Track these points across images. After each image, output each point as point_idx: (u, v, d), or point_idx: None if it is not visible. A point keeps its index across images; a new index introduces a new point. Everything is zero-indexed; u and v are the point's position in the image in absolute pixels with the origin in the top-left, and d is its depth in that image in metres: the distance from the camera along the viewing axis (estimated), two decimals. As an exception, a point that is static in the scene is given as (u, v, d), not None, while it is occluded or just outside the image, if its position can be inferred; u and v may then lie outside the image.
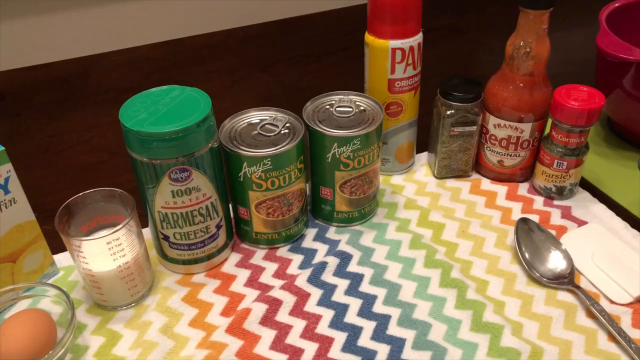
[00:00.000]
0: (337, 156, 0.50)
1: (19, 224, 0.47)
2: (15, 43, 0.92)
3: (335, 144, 0.50)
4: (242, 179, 0.49)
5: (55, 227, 0.44)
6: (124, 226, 0.44)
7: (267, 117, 0.52)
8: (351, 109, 0.52)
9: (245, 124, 0.51)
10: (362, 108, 0.53)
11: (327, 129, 0.50)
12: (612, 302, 0.48)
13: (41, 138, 0.71)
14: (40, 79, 0.83)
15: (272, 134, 0.50)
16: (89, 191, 0.47)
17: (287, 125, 0.51)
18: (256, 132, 0.50)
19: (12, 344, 0.42)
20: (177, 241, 0.49)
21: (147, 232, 0.53)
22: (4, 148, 0.44)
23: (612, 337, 0.45)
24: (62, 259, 0.53)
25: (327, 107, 0.53)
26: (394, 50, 0.55)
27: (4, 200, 0.45)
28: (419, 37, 0.55)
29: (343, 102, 0.53)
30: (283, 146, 0.48)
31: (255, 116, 0.52)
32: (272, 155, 0.48)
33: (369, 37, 0.56)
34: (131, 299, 0.48)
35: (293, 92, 0.79)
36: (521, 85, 0.55)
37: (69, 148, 0.69)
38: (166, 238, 0.49)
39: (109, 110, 0.76)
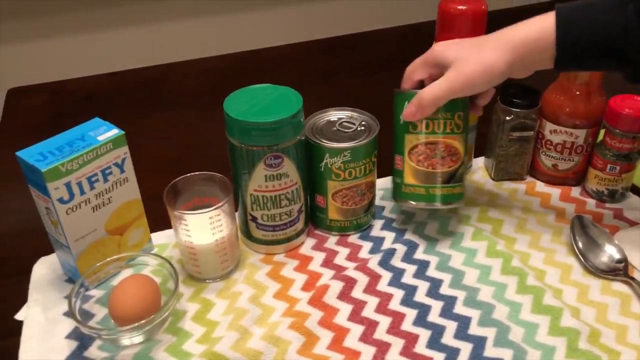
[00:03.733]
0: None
1: (128, 200, 0.54)
2: (97, 53, 1.01)
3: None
4: (322, 169, 0.55)
5: (165, 201, 0.50)
6: (224, 203, 0.50)
7: (344, 116, 0.58)
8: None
9: (325, 121, 0.57)
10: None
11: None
12: (664, 293, 0.51)
13: (128, 134, 0.78)
14: (124, 82, 0.91)
15: (350, 130, 0.56)
16: (192, 174, 0.53)
17: (363, 123, 0.57)
18: (335, 128, 0.56)
19: (126, 304, 0.48)
20: (264, 222, 0.55)
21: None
22: (124, 132, 0.51)
23: (664, 323, 0.49)
24: (156, 237, 0.59)
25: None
26: (460, 59, 0.60)
27: (120, 178, 0.52)
28: (483, 49, 0.61)
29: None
30: (361, 140, 0.54)
31: (333, 115, 0.58)
32: (352, 148, 0.53)
33: (436, 48, 0.61)
34: (222, 272, 0.54)
35: (352, 98, 0.85)
36: (577, 93, 0.59)
37: (152, 143, 0.76)
38: (254, 219, 0.55)
39: (184, 111, 0.83)
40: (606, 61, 0.47)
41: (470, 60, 0.49)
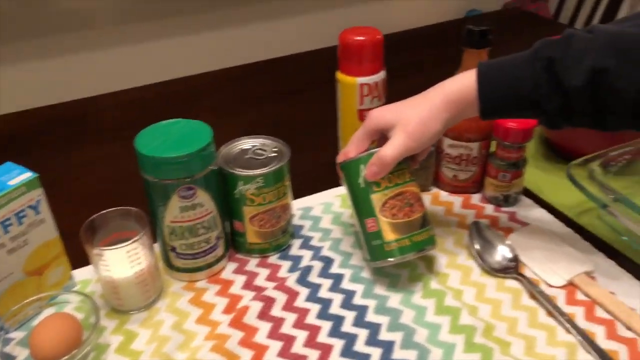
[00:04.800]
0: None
1: (46, 241, 0.55)
2: (13, 88, 1.00)
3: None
4: (237, 196, 0.58)
5: (81, 239, 0.52)
6: (141, 237, 0.52)
7: (257, 144, 0.61)
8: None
9: (239, 150, 0.61)
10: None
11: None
12: (550, 285, 0.57)
13: (48, 172, 0.78)
14: (43, 120, 0.91)
15: (262, 157, 0.59)
16: (108, 210, 0.55)
17: (275, 149, 0.60)
18: (248, 156, 0.60)
19: (46, 343, 0.49)
20: (183, 251, 0.57)
21: (154, 247, 0.61)
22: (37, 175, 0.52)
23: (550, 313, 0.54)
24: (80, 273, 0.60)
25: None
26: (361, 85, 0.65)
27: (35, 220, 0.53)
28: (382, 74, 0.66)
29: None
30: (272, 167, 0.57)
31: (246, 143, 0.61)
32: (264, 174, 0.57)
33: (339, 75, 0.66)
34: (145, 302, 0.56)
35: (277, 123, 0.89)
36: (468, 111, 0.65)
37: (75, 180, 0.77)
38: (173, 249, 0.57)
39: (106, 145, 0.84)
40: (524, 111, 0.52)
41: (412, 121, 0.53)
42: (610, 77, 0.47)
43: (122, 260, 0.52)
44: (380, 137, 0.56)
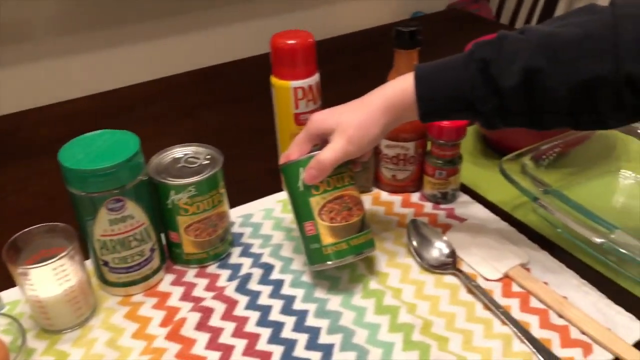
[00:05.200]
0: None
1: (-33, 263, 0.52)
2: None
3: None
4: (170, 206, 0.57)
5: (3, 259, 0.50)
6: (68, 253, 0.50)
7: (190, 152, 0.60)
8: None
9: (171, 159, 0.59)
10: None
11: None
12: (486, 279, 0.58)
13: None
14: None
15: (195, 165, 0.58)
16: (33, 227, 0.53)
17: (208, 157, 0.59)
18: (181, 165, 0.58)
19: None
20: (116, 265, 0.55)
21: (87, 263, 0.59)
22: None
23: (486, 307, 0.55)
24: (9, 294, 0.57)
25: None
26: (295, 89, 0.65)
27: (-47, 241, 0.50)
28: (316, 77, 0.66)
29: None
30: (204, 175, 0.56)
31: (179, 151, 0.60)
32: (196, 183, 0.56)
33: (273, 79, 0.66)
34: (77, 320, 0.54)
35: (216, 131, 0.88)
36: (402, 111, 0.66)
37: (6, 197, 0.74)
38: (106, 264, 0.55)
39: (39, 160, 0.81)
40: (462, 113, 0.53)
41: (352, 125, 0.53)
42: (542, 76, 0.48)
43: (49, 278, 0.50)
44: (323, 140, 0.56)
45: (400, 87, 0.54)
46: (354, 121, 0.54)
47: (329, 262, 0.55)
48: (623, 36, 0.45)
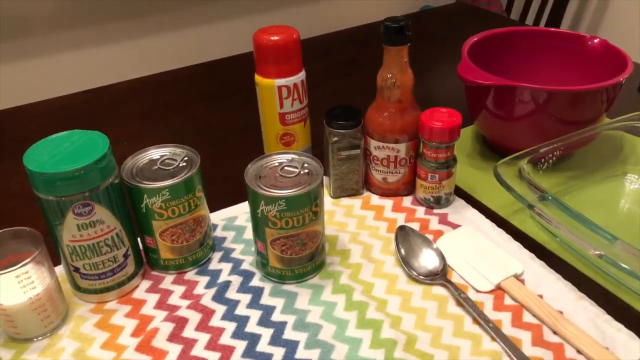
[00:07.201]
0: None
1: None
2: None
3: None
4: (144, 210, 0.54)
5: (-35, 266, 0.47)
6: (32, 260, 0.48)
7: (167, 153, 0.58)
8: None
9: (147, 160, 0.57)
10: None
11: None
12: (477, 291, 0.55)
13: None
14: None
15: (171, 168, 0.55)
16: (-3, 231, 0.51)
17: (185, 158, 0.57)
18: (156, 167, 0.56)
19: None
20: (87, 272, 0.53)
21: (59, 269, 0.57)
22: None
23: (476, 321, 0.52)
24: (-23, 300, 0.55)
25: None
26: (280, 87, 0.62)
27: None
28: (301, 75, 0.63)
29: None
30: (180, 177, 0.54)
31: (156, 153, 0.58)
32: (170, 186, 0.53)
33: (257, 78, 0.63)
34: (45, 329, 0.52)
35: (202, 129, 0.85)
36: (393, 111, 0.63)
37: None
38: (77, 270, 0.53)
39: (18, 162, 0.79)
40: None
41: None
42: None
43: (12, 286, 0.48)
44: None
45: None
46: None
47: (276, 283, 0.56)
48: None
